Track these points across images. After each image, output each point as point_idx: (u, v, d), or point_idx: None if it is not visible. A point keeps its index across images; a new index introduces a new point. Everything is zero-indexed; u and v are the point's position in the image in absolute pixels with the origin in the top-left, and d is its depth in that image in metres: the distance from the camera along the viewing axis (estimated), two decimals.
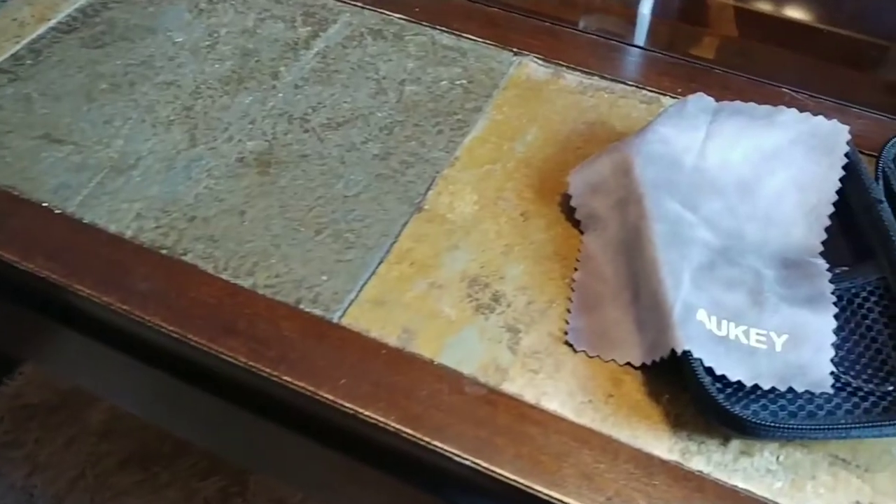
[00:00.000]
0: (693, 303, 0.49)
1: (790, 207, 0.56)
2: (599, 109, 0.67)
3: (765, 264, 0.53)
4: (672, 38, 0.76)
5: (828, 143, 0.57)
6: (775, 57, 0.75)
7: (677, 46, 0.74)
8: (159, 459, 1.25)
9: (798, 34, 0.78)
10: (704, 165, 0.57)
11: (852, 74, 0.74)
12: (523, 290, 0.54)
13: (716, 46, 0.76)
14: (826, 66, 0.74)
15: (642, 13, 0.79)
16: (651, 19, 0.78)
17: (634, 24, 0.78)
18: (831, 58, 0.75)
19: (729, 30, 0.79)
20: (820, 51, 0.76)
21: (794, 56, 0.75)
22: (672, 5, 0.81)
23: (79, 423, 1.30)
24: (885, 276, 0.51)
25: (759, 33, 0.79)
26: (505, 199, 0.60)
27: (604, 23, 0.77)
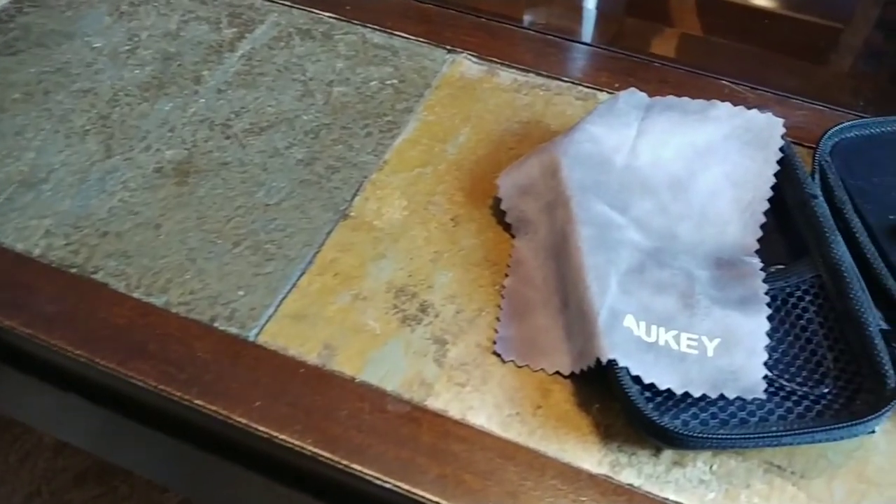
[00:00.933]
0: (620, 308, 0.47)
1: (725, 205, 0.54)
2: (534, 108, 0.65)
3: (698, 265, 0.51)
4: (613, 32, 0.74)
5: (762, 137, 0.55)
6: (717, 48, 0.73)
7: (618, 40, 0.73)
8: (117, 473, 1.22)
9: (743, 22, 0.76)
10: (635, 164, 0.55)
11: (795, 64, 0.73)
12: (452, 298, 0.52)
13: (657, 40, 0.74)
14: (768, 56, 0.72)
15: (587, 8, 0.77)
16: (592, 13, 0.76)
17: (576, 19, 0.76)
18: (774, 47, 0.73)
19: (673, 22, 0.77)
20: (763, 40, 0.75)
21: (736, 47, 0.73)
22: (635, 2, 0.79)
23: (33, 439, 1.26)
24: (820, 274, 0.50)
25: (704, 24, 0.77)
26: (435, 203, 0.58)
27: (545, 17, 0.75)
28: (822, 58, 0.73)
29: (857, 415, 0.44)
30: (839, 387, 0.46)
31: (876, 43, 0.74)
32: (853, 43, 0.74)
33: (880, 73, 0.71)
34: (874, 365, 0.45)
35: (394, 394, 0.48)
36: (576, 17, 0.76)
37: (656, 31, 0.76)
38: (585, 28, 0.75)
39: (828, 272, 0.49)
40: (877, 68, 0.71)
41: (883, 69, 0.71)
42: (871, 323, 0.47)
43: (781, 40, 0.74)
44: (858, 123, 0.58)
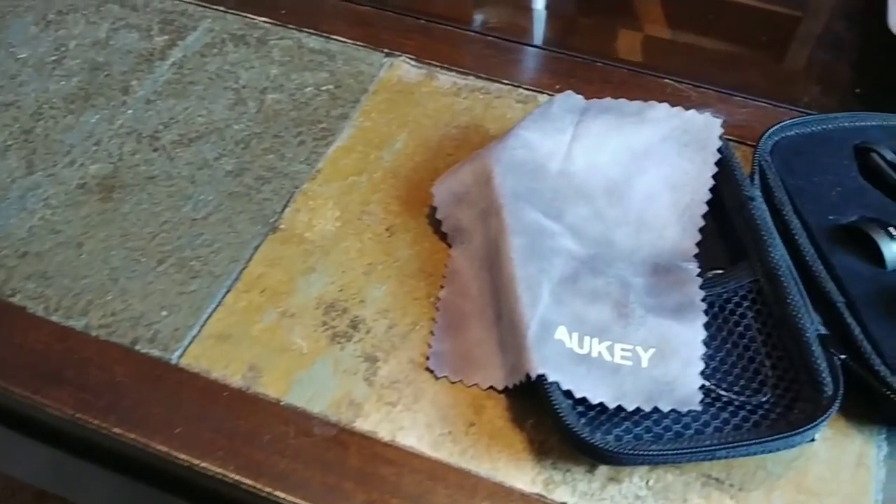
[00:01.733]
0: (552, 320, 0.46)
1: (663, 209, 0.53)
2: (473, 111, 0.63)
3: (634, 272, 0.50)
4: (556, 32, 0.73)
5: (700, 138, 0.54)
6: (661, 46, 0.72)
7: (561, 40, 0.71)
8: None
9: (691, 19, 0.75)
10: (571, 170, 0.53)
11: (738, 60, 0.71)
12: (384, 313, 0.51)
13: (601, 39, 0.72)
14: (712, 53, 0.71)
15: (531, 8, 0.75)
16: (534, 13, 0.74)
17: (519, 19, 0.74)
18: (719, 43, 0.72)
19: (619, 21, 0.75)
20: (709, 36, 0.73)
21: (681, 44, 0.72)
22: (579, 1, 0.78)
23: None
24: (758, 278, 0.49)
25: (652, 22, 0.76)
26: (370, 213, 0.56)
27: (488, 18, 0.74)
28: (767, 54, 0.72)
29: (794, 425, 0.43)
30: (777, 395, 0.45)
31: (822, 38, 0.73)
32: (798, 38, 0.73)
33: (825, 69, 0.70)
34: (811, 373, 0.44)
35: (320, 416, 0.46)
36: (518, 17, 0.74)
37: (600, 30, 0.74)
38: (528, 28, 0.73)
39: (766, 277, 0.48)
40: (822, 64, 0.70)
41: (828, 64, 0.70)
42: (808, 329, 0.45)
43: (726, 36, 0.73)
44: (799, 121, 0.57)
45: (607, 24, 0.74)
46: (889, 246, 0.49)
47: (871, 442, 0.46)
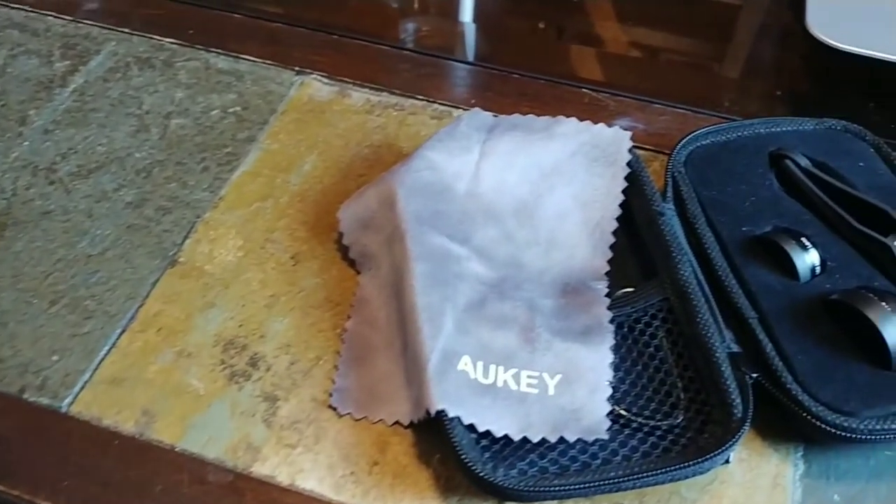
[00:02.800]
0: (455, 350, 0.44)
1: (573, 227, 0.51)
2: (387, 129, 0.61)
3: (544, 293, 0.48)
4: (472, 45, 0.71)
5: (609, 152, 0.53)
6: (579, 56, 0.70)
7: (476, 53, 0.69)
8: None
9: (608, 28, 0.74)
10: (479, 190, 0.52)
11: (656, 66, 0.70)
12: (286, 348, 0.48)
13: (517, 50, 0.71)
14: (631, 61, 0.70)
15: (457, 20, 0.73)
16: (452, 25, 0.72)
17: (436, 32, 0.72)
18: (637, 50, 0.71)
19: (537, 32, 0.74)
20: (628, 45, 0.72)
21: (598, 53, 0.70)
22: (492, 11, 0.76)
23: None
24: (668, 296, 0.47)
25: (572, 33, 0.74)
26: (274, 241, 0.54)
27: (403, 32, 0.72)
28: (686, 59, 0.71)
29: (704, 450, 0.41)
30: (688, 418, 0.44)
31: (741, 41, 0.72)
32: (717, 42, 0.72)
33: (745, 72, 0.69)
34: (721, 394, 0.43)
35: (216, 462, 0.44)
36: (434, 30, 0.72)
37: (517, 42, 0.72)
38: (444, 42, 0.70)
39: (675, 294, 0.47)
40: (742, 67, 0.69)
41: (748, 67, 0.69)
42: (717, 348, 0.44)
43: (645, 43, 0.72)
44: (714, 129, 0.56)
45: (523, 35, 0.72)
46: (801, 257, 0.48)
47: (787, 461, 0.45)
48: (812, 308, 0.46)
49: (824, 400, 0.43)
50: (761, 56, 0.70)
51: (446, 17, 0.73)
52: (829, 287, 0.47)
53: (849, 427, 0.42)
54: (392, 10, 0.74)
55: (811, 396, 0.43)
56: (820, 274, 0.48)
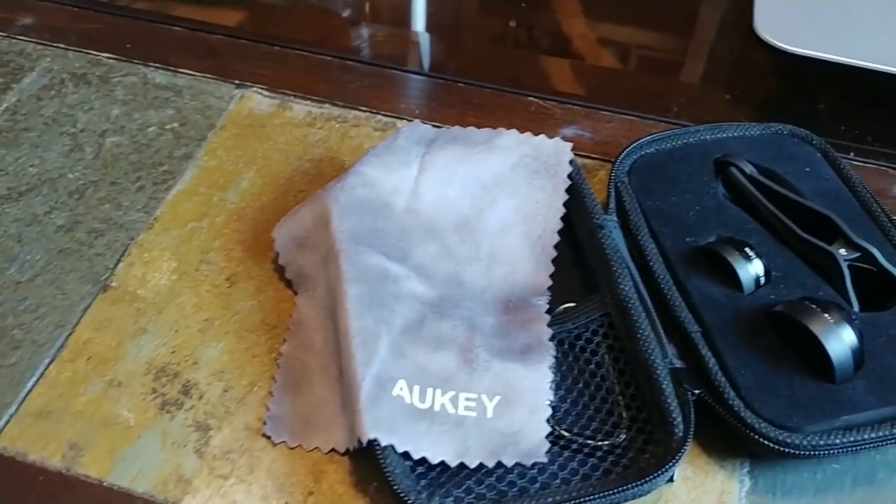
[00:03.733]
0: (391, 375, 0.43)
1: (515, 241, 0.50)
2: (329, 143, 0.60)
3: (485, 311, 0.47)
4: (417, 54, 0.70)
5: (550, 164, 0.51)
6: (525, 64, 0.69)
7: (421, 62, 0.68)
8: None
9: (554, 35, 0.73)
10: (418, 206, 0.50)
11: (603, 73, 0.69)
12: (220, 374, 0.47)
13: (462, 59, 0.69)
14: (578, 68, 0.68)
15: (404, 30, 0.72)
16: (397, 35, 0.71)
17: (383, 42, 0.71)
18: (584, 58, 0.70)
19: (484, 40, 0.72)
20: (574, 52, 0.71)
21: (544, 61, 0.69)
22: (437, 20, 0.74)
23: None
24: (609, 311, 0.46)
25: (514, 41, 0.72)
26: (209, 262, 0.52)
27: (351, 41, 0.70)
28: (633, 64, 0.70)
29: (644, 471, 0.40)
30: (630, 437, 0.43)
31: (690, 44, 0.71)
32: (665, 46, 0.71)
33: (694, 76, 0.68)
34: (662, 412, 0.42)
35: (146, 496, 0.42)
36: (379, 39, 0.70)
37: (462, 51, 0.70)
38: (389, 51, 0.69)
39: (616, 309, 0.46)
40: (691, 70, 0.69)
41: (697, 71, 0.68)
42: (658, 364, 0.43)
43: (592, 50, 0.71)
44: (659, 137, 0.55)
45: (470, 44, 0.71)
46: (745, 268, 0.47)
47: (733, 477, 0.44)
48: (756, 320, 0.46)
49: (767, 416, 0.42)
50: (711, 60, 0.69)
51: (391, 26, 0.72)
52: (774, 298, 0.46)
53: (791, 443, 0.41)
54: (337, 19, 0.72)
55: (754, 412, 0.42)
56: (764, 284, 0.47)
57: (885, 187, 0.58)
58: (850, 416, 0.42)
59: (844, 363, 0.42)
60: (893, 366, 0.44)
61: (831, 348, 0.42)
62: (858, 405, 0.42)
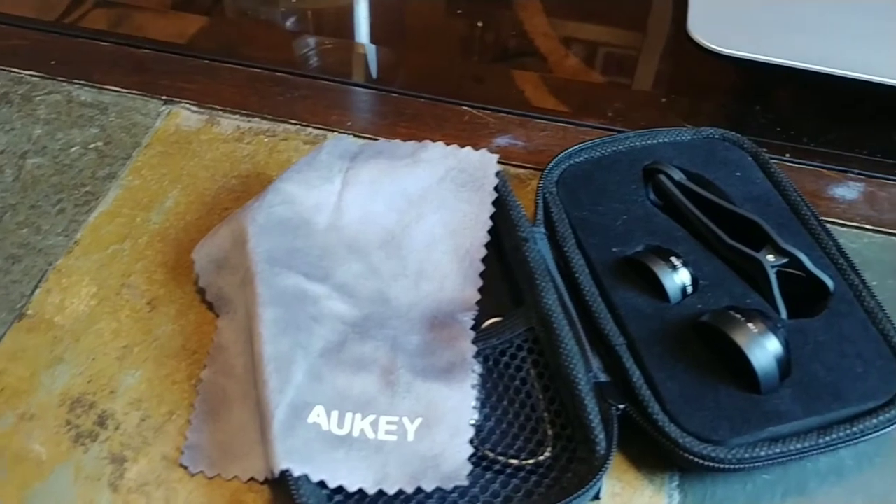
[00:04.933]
0: (307, 401, 0.42)
1: (443, 256, 0.49)
2: (256, 158, 0.58)
3: (411, 329, 0.46)
4: (349, 64, 0.68)
5: (477, 177, 0.51)
6: (458, 73, 0.67)
7: (354, 72, 0.67)
8: None
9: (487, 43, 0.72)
10: (341, 223, 0.49)
11: (538, 80, 0.68)
12: (138, 403, 0.46)
13: (396, 68, 0.68)
14: (512, 76, 0.67)
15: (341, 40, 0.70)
16: (329, 45, 0.69)
17: (314, 52, 0.70)
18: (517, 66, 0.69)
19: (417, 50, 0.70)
20: (508, 59, 0.69)
21: (478, 69, 0.68)
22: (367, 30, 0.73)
23: None
24: (534, 326, 0.45)
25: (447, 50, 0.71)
26: (130, 286, 0.51)
27: (282, 52, 0.69)
28: (567, 70, 0.68)
29: (567, 491, 0.40)
30: (554, 456, 0.42)
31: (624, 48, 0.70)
32: (599, 49, 0.70)
33: (629, 80, 0.67)
34: (584, 429, 0.41)
35: None
36: (311, 49, 0.69)
37: (396, 60, 0.69)
38: (320, 61, 0.68)
39: (540, 324, 0.45)
40: (626, 75, 0.68)
41: (632, 75, 0.68)
42: (581, 380, 0.42)
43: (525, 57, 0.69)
44: (587, 146, 0.54)
45: (402, 54, 0.70)
46: (670, 277, 0.46)
47: (662, 492, 0.43)
48: (683, 331, 0.45)
49: (692, 429, 0.41)
50: (648, 64, 0.69)
51: (323, 36, 0.70)
52: (701, 307, 0.46)
53: (717, 457, 0.40)
54: (266, 31, 0.71)
55: (678, 426, 0.41)
56: (691, 294, 0.46)
57: (820, 188, 0.58)
58: (775, 428, 0.41)
59: (769, 374, 0.42)
60: (820, 374, 0.43)
61: (755, 359, 0.41)
62: (784, 416, 0.41)
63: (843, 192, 0.58)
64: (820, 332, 0.45)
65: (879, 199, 0.57)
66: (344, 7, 0.73)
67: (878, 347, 0.44)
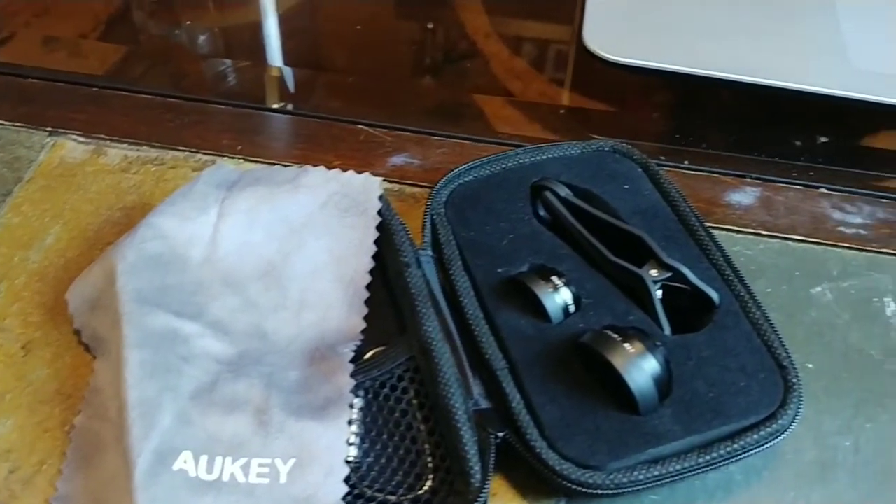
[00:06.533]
0: (173, 447, 0.40)
1: (327, 284, 0.48)
2: (142, 188, 0.57)
3: (290, 364, 0.45)
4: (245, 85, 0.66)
5: (360, 201, 0.49)
6: (355, 91, 0.66)
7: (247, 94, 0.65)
8: None
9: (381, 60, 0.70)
10: (217, 255, 0.48)
11: (435, 96, 0.66)
12: (7, 454, 0.44)
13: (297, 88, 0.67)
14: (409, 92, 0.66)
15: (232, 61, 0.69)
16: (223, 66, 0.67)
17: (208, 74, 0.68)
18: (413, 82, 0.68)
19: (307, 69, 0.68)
20: (403, 76, 0.68)
21: (375, 87, 0.66)
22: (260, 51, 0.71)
23: None
24: (415, 354, 0.44)
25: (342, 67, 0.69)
26: (5, 329, 0.49)
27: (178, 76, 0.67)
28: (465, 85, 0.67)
29: None
30: (433, 489, 0.41)
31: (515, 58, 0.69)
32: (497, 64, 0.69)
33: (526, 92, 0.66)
34: (461, 460, 0.40)
35: None
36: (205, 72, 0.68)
37: (292, 80, 0.67)
38: (215, 84, 0.66)
39: (420, 352, 0.44)
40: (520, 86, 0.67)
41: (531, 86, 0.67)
42: (458, 409, 0.41)
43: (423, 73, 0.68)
44: (477, 164, 0.53)
45: (297, 73, 0.67)
46: (551, 297, 0.45)
47: None
48: (564, 352, 0.44)
49: (570, 455, 0.40)
50: (545, 76, 0.67)
51: (216, 58, 0.69)
52: (583, 326, 0.45)
53: (595, 483, 0.40)
54: (158, 56, 0.69)
55: (556, 452, 0.40)
56: (574, 313, 0.46)
57: (717, 195, 0.58)
58: (655, 449, 0.40)
59: (647, 394, 0.41)
60: (702, 391, 0.43)
61: (632, 380, 0.41)
62: (664, 436, 0.41)
63: (740, 198, 0.58)
64: (703, 346, 0.44)
65: (775, 203, 0.57)
66: (237, 28, 0.72)
67: (762, 359, 0.44)
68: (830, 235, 0.55)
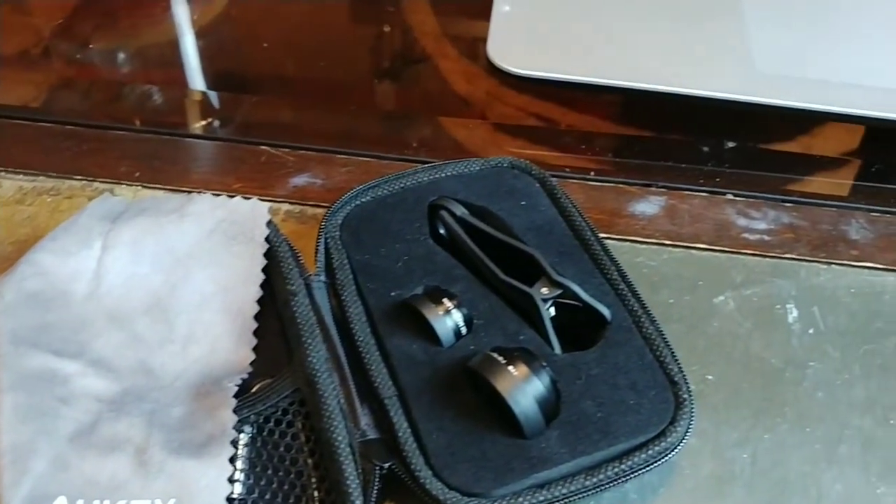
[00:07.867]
0: (47, 493, 0.39)
1: (214, 315, 0.47)
2: (36, 220, 0.55)
3: (174, 400, 0.44)
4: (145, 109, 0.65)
5: (247, 228, 0.48)
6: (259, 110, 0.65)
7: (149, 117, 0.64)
8: None
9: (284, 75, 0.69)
10: (101, 291, 0.47)
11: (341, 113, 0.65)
12: None
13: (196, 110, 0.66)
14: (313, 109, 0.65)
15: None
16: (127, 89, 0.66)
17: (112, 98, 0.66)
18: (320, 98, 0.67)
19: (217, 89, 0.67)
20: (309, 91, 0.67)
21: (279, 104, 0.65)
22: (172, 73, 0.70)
23: None
24: (300, 387, 0.43)
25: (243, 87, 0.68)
26: None
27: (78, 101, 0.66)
28: (369, 100, 0.66)
29: None
30: None
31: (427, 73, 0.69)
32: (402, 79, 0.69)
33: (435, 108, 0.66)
34: (343, 495, 0.39)
35: None
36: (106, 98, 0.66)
37: (192, 101, 0.66)
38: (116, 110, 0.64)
39: (305, 383, 0.43)
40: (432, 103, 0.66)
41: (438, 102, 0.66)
42: (340, 441, 0.40)
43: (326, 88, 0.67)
44: (373, 184, 0.53)
45: (198, 96, 0.66)
46: (443, 321, 0.45)
47: None
48: (454, 377, 0.43)
49: (455, 483, 0.40)
50: (452, 90, 0.67)
51: (114, 82, 0.67)
52: (474, 348, 0.44)
53: None
54: (57, 78, 0.67)
55: (441, 481, 0.40)
56: (465, 335, 0.45)
57: (621, 206, 0.57)
58: (540, 474, 0.40)
59: (532, 418, 0.41)
60: (590, 411, 0.42)
61: (516, 404, 0.40)
62: (550, 460, 0.40)
63: (644, 208, 0.57)
64: (593, 364, 0.44)
65: (680, 212, 0.57)
66: (139, 50, 0.70)
67: (654, 375, 0.44)
68: (734, 243, 0.55)
